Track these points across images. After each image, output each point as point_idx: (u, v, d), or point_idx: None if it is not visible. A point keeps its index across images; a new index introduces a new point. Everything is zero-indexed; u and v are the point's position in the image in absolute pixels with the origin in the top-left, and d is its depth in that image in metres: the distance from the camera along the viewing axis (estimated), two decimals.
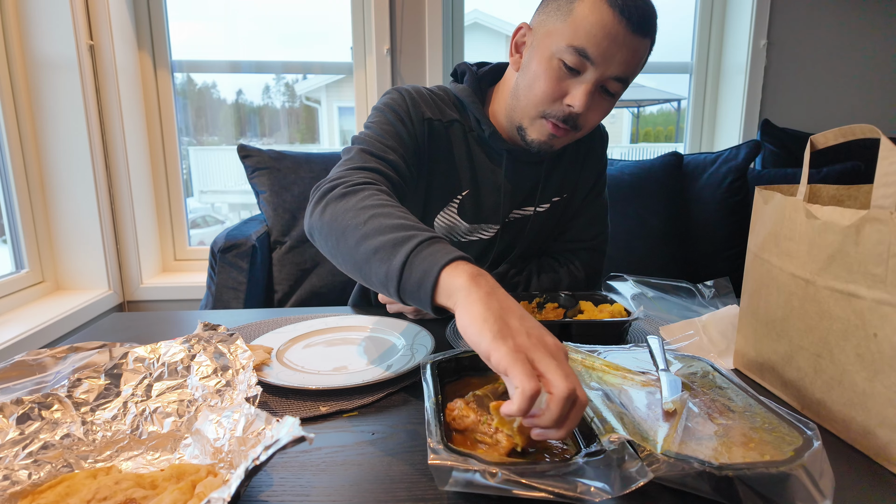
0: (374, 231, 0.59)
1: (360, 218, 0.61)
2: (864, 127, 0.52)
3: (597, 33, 0.74)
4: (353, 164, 0.75)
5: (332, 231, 0.64)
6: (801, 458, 0.42)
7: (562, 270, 1.00)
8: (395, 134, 0.84)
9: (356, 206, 0.64)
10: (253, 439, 0.46)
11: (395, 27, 1.86)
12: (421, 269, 0.53)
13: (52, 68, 1.60)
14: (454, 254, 0.53)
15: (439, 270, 0.52)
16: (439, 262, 0.52)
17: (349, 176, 0.71)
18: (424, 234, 0.56)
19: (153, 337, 0.83)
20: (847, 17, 1.99)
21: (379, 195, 0.66)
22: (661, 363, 0.60)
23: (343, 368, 0.68)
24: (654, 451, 0.43)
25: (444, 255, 0.53)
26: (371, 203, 0.63)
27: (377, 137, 0.82)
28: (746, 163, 1.68)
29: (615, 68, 0.77)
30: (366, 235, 0.59)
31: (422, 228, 0.58)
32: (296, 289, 1.53)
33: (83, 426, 0.50)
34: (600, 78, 0.78)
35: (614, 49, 0.75)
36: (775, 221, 0.61)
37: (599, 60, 0.76)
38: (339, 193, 0.67)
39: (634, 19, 0.74)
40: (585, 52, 0.76)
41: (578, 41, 0.75)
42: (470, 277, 0.50)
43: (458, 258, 0.53)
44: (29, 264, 1.64)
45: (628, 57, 0.76)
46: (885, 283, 0.47)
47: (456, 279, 0.50)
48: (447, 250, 0.54)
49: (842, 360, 0.52)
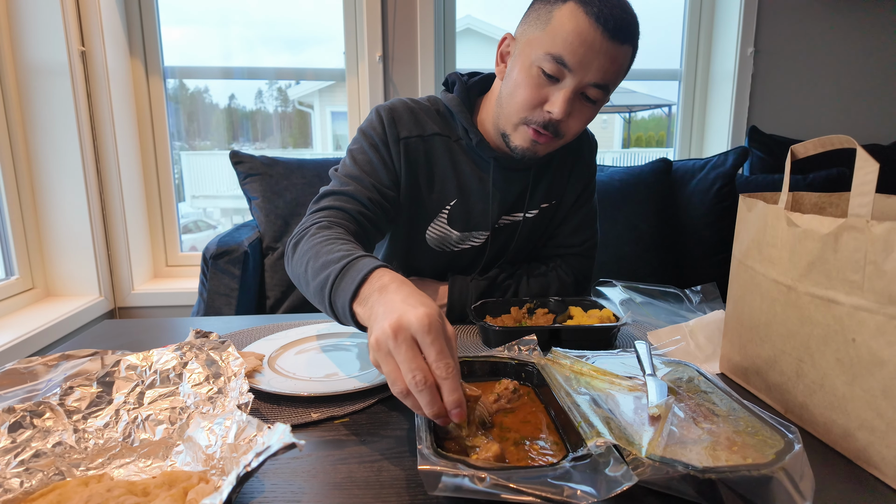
0: (311, 276, 0.68)
1: (302, 267, 0.71)
2: (842, 137, 0.54)
3: (573, 41, 0.76)
4: (314, 208, 0.86)
5: (295, 283, 0.76)
6: (781, 460, 0.43)
7: (551, 275, 1.01)
8: (367, 161, 0.91)
9: (300, 254, 0.74)
10: (245, 446, 0.46)
11: (388, 34, 1.87)
12: (340, 307, 0.61)
13: (44, 74, 1.60)
14: (354, 283, 0.59)
15: (350, 310, 0.60)
16: (347, 301, 0.60)
17: (307, 223, 0.81)
18: (336, 269, 0.63)
19: (145, 344, 0.83)
20: (832, 26, 2.03)
21: (315, 235, 0.74)
22: (648, 368, 0.61)
23: (334, 375, 0.69)
24: (639, 455, 0.44)
25: (350, 287, 0.60)
26: (306, 248, 0.73)
27: (345, 171, 0.90)
28: (734, 169, 1.70)
29: (593, 75, 0.78)
30: (307, 283, 0.69)
31: (336, 261, 0.65)
32: (287, 294, 1.53)
33: (75, 434, 0.51)
34: (579, 85, 0.79)
35: (591, 56, 0.77)
36: (758, 229, 0.62)
37: (577, 67, 0.77)
38: (293, 245, 0.78)
39: (611, 26, 0.75)
40: (563, 60, 0.77)
41: (556, 49, 0.77)
42: (365, 310, 0.57)
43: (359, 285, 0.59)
44: (19, 270, 1.63)
45: (606, 64, 0.78)
46: (862, 290, 0.48)
47: (361, 310, 0.58)
48: (352, 278, 0.60)
49: (822, 364, 0.53)
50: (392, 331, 0.48)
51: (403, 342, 0.48)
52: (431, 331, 0.48)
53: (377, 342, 0.49)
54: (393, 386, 0.49)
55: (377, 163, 0.91)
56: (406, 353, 0.48)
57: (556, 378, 0.59)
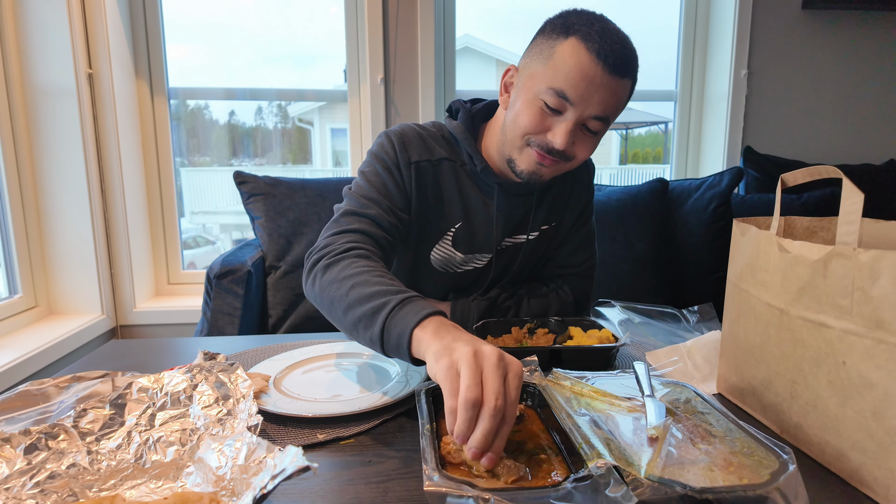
0: (356, 301, 0.69)
1: (343, 289, 0.71)
2: (829, 168, 0.56)
3: (574, 76, 0.79)
4: (337, 229, 0.86)
5: (322, 302, 0.76)
6: (777, 481, 0.45)
7: (551, 295, 1.03)
8: (382, 184, 0.92)
9: (338, 277, 0.74)
10: (255, 467, 0.47)
11: (389, 56, 1.91)
12: (396, 332, 0.63)
13: (51, 96, 1.63)
14: (421, 314, 0.62)
15: (411, 332, 0.61)
16: (410, 325, 0.62)
17: (333, 243, 0.81)
18: (397, 298, 0.65)
19: (151, 364, 0.84)
20: (823, 48, 2.08)
21: (357, 262, 0.75)
22: (647, 389, 0.63)
23: (339, 396, 0.70)
24: (638, 476, 0.46)
25: (413, 316, 0.62)
26: (350, 272, 0.73)
27: (362, 192, 0.91)
28: (730, 189, 1.73)
29: (594, 108, 0.81)
30: (349, 306, 0.69)
31: (394, 292, 0.67)
32: (290, 313, 1.55)
33: (88, 455, 0.52)
34: (580, 118, 0.82)
35: (592, 90, 0.79)
36: (751, 253, 0.64)
37: (578, 101, 0.80)
38: (324, 265, 0.77)
39: (611, 62, 0.78)
40: (564, 94, 0.80)
41: (558, 83, 0.80)
42: (433, 333, 0.59)
43: (426, 316, 0.62)
44: (22, 289, 1.64)
45: (606, 97, 0.80)
46: (851, 315, 0.50)
47: (423, 335, 0.60)
48: (416, 310, 0.63)
49: (815, 386, 0.55)
50: (497, 355, 0.52)
51: (500, 369, 0.51)
52: (521, 378, 0.53)
53: (478, 352, 0.52)
54: (468, 389, 0.50)
55: (391, 185, 0.92)
56: (500, 377, 0.51)
57: (557, 399, 0.61)
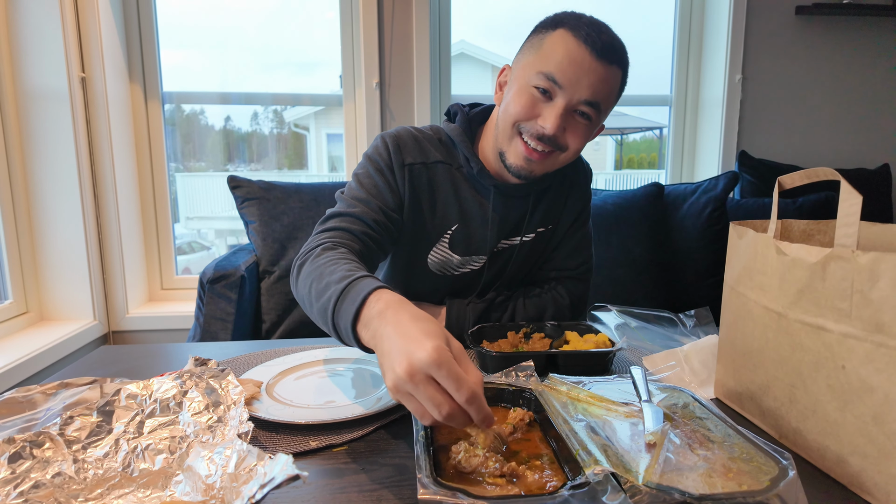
0: (315, 297, 0.70)
1: (306, 288, 0.73)
2: (826, 170, 0.55)
3: (562, 60, 0.82)
4: (320, 229, 0.87)
5: (300, 303, 0.77)
6: (776, 487, 0.44)
7: (546, 297, 1.03)
8: (373, 185, 0.93)
9: (304, 275, 0.75)
10: (245, 475, 0.46)
11: (384, 61, 1.91)
12: (343, 329, 0.63)
13: (44, 100, 1.62)
14: (357, 303, 0.61)
15: (354, 331, 0.61)
16: (349, 322, 0.61)
17: (311, 244, 0.82)
18: (338, 290, 0.65)
19: (142, 370, 0.83)
20: (816, 53, 2.09)
21: (321, 256, 0.76)
22: (644, 394, 0.62)
23: (332, 402, 0.69)
24: (636, 483, 0.45)
25: (351, 309, 0.61)
26: (312, 269, 0.74)
27: (352, 194, 0.93)
28: (725, 193, 1.73)
29: (583, 92, 0.83)
30: (311, 303, 0.71)
31: (336, 281, 0.66)
32: (283, 318, 1.53)
33: (75, 464, 0.51)
34: (570, 102, 0.84)
35: (580, 74, 0.82)
36: (749, 257, 0.64)
37: (566, 84, 0.83)
38: (298, 265, 0.79)
39: (598, 47, 0.81)
40: (553, 77, 0.83)
41: (547, 67, 0.83)
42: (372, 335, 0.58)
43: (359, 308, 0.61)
44: (13, 294, 1.63)
45: (595, 82, 0.83)
46: (850, 318, 0.49)
47: (365, 334, 0.60)
48: (353, 300, 0.62)
49: (814, 390, 0.54)
50: (407, 375, 0.49)
51: (420, 382, 0.49)
52: (443, 364, 0.49)
53: (396, 387, 0.51)
54: (423, 419, 0.51)
55: (383, 186, 0.93)
56: (425, 391, 0.49)
57: (554, 405, 0.60)
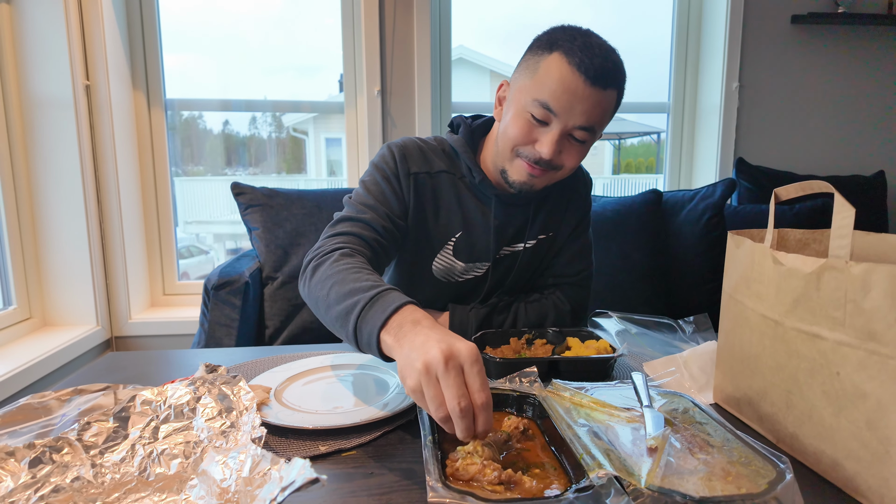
0: (334, 300, 0.71)
1: (325, 289, 0.74)
2: (821, 183, 0.57)
3: (556, 88, 0.83)
4: (331, 232, 0.89)
5: (311, 302, 0.79)
6: (774, 490, 0.45)
7: (547, 303, 1.05)
8: (380, 192, 0.96)
9: (322, 276, 0.77)
10: (259, 479, 0.48)
11: (386, 69, 1.93)
12: (366, 333, 0.65)
13: (48, 107, 1.63)
14: (386, 312, 0.63)
15: (378, 336, 0.63)
16: (377, 327, 0.63)
17: (324, 245, 0.84)
18: (366, 297, 0.67)
19: (151, 377, 0.84)
20: (812, 61, 2.12)
21: (341, 261, 0.78)
22: (645, 400, 0.64)
23: (339, 407, 0.70)
24: (638, 486, 0.46)
25: (380, 315, 0.64)
26: (332, 272, 0.76)
27: (360, 200, 0.95)
28: (723, 200, 1.75)
29: (577, 119, 0.85)
30: (329, 305, 0.72)
31: (365, 289, 0.68)
32: (287, 324, 1.55)
33: (92, 469, 0.52)
34: (564, 128, 0.86)
35: (574, 101, 0.83)
36: (746, 266, 0.65)
37: (561, 112, 0.84)
38: (313, 266, 0.80)
39: (591, 74, 0.82)
40: (548, 105, 0.84)
41: (542, 95, 0.84)
42: (395, 339, 0.61)
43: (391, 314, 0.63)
44: (17, 300, 1.64)
45: (589, 108, 0.84)
46: (844, 326, 0.51)
47: (388, 339, 0.62)
48: (382, 309, 0.64)
49: (810, 396, 0.56)
50: (444, 357, 0.52)
51: (453, 369, 0.52)
52: (478, 362, 0.53)
53: (427, 366, 0.53)
54: (437, 409, 0.53)
55: (389, 193, 0.96)
56: (455, 379, 0.52)
57: (557, 410, 0.62)
